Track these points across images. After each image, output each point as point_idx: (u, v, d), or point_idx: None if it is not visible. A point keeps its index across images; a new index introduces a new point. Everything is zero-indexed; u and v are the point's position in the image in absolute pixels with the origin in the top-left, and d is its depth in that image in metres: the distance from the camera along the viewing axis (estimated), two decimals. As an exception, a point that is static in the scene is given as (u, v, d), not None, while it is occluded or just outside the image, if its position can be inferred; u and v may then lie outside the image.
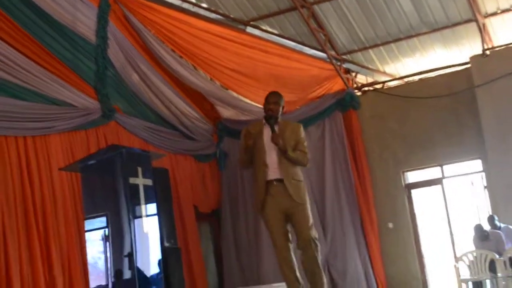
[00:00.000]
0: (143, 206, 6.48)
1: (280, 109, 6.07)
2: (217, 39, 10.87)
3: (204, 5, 11.04)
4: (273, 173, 5.86)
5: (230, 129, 12.37)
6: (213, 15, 11.14)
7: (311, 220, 5.89)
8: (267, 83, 11.09)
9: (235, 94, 12.03)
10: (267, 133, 5.93)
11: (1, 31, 8.12)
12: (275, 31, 11.65)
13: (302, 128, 6.13)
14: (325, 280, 5.88)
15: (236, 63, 11.11)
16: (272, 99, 6.06)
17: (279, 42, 11.63)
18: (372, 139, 12.18)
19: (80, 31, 9.35)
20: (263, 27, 11.59)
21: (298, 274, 5.82)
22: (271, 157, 5.87)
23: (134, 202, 6.36)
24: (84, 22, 9.41)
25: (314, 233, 5.85)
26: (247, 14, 11.34)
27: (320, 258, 5.85)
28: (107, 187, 6.60)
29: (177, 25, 10.50)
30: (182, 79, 11.17)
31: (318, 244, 5.84)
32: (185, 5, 10.86)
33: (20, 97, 8.38)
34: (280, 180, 5.82)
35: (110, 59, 9.88)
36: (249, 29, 11.51)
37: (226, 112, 12.38)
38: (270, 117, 5.98)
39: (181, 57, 10.97)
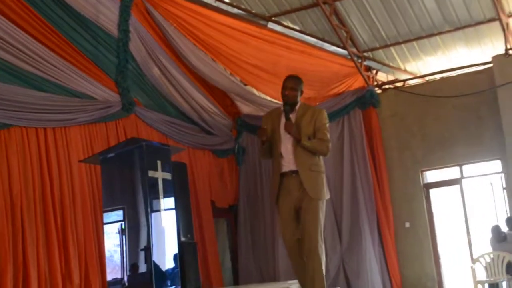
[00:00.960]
0: (161, 200, 6.41)
1: (298, 94, 5.69)
2: (238, 34, 10.81)
3: (226, -1, 11.01)
4: (288, 163, 5.53)
5: (249, 125, 12.33)
6: (235, 10, 11.08)
7: (320, 224, 5.49)
8: (287, 79, 11.00)
9: (255, 91, 11.97)
10: (283, 121, 5.60)
11: (24, 23, 8.14)
12: (297, 27, 11.56)
13: (324, 114, 5.72)
14: None
15: (257, 58, 11.04)
16: (289, 84, 5.68)
17: (301, 38, 11.54)
18: (391, 137, 12.07)
19: (102, 24, 9.36)
20: (285, 23, 11.51)
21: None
22: (286, 146, 5.55)
23: (152, 196, 6.29)
24: (107, 15, 9.41)
25: (321, 241, 5.47)
26: (269, 10, 11.27)
27: (323, 267, 5.51)
28: (126, 180, 6.54)
29: (198, 18, 10.44)
30: (201, 74, 11.15)
31: (323, 253, 5.49)
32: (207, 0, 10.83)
33: (42, 89, 8.40)
34: (296, 172, 5.49)
35: (131, 53, 9.89)
36: (271, 25, 11.41)
37: (245, 108, 12.34)
38: (285, 103, 5.62)
39: (201, 50, 10.91)
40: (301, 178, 5.45)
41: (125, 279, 6.16)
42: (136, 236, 6.19)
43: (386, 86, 12.45)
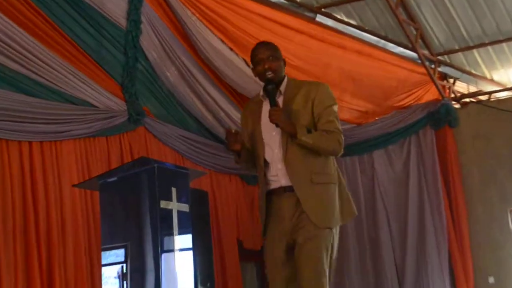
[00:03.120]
0: (175, 238, 6.35)
1: (282, 65, 4.85)
2: (278, 27, 10.71)
3: (264, -14, 10.99)
4: (277, 176, 4.70)
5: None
6: (274, -1, 11.08)
7: (326, 272, 4.53)
8: (341, 86, 11.05)
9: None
10: (266, 111, 4.71)
11: (10, 10, 8.08)
12: (353, 22, 11.56)
13: (327, 89, 4.81)
14: None
15: (302, 59, 10.96)
16: (266, 52, 4.79)
17: (358, 36, 11.53)
18: (472, 165, 12.01)
19: (107, 12, 9.35)
20: (338, 16, 11.49)
21: None
22: (273, 150, 4.69)
23: (163, 232, 6.24)
24: (114, 2, 9.42)
25: None
26: (318, -1, 11.25)
27: None
28: (131, 211, 6.51)
29: (229, 6, 10.38)
30: (226, 79, 11.13)
31: None
32: (241, -15, 10.84)
33: (28, 92, 8.35)
34: (289, 188, 4.62)
35: (143, 49, 9.90)
36: (320, 18, 11.36)
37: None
38: (269, 82, 4.75)
39: (231, 49, 10.86)
40: (298, 195, 4.55)
41: (126, 338, 6.14)
42: (141, 283, 6.12)
43: (467, 100, 12.43)
